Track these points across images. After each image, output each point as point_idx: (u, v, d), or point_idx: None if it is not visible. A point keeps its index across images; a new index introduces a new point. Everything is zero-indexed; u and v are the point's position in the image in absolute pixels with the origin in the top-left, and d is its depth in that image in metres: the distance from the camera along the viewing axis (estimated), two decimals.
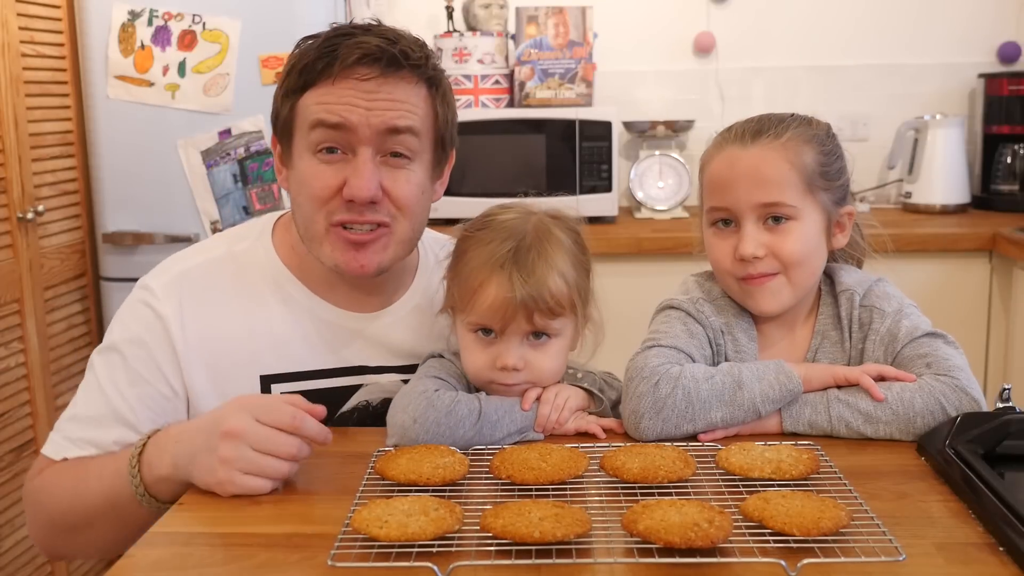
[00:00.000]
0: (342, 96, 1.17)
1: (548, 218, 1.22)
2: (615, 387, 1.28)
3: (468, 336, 1.20)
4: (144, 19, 2.40)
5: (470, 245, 1.20)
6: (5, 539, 2.15)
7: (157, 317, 1.24)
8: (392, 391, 1.29)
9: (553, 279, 1.15)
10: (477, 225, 1.22)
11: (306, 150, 1.20)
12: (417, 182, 1.23)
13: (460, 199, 2.71)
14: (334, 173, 1.19)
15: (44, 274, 2.32)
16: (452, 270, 1.22)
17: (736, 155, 1.23)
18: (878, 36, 3.12)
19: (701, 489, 1.01)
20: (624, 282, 2.48)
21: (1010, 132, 2.93)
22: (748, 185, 1.21)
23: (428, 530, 0.87)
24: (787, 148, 1.22)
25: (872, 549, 0.86)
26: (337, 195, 1.19)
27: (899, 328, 1.23)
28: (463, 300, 1.18)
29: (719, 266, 1.27)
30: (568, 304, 1.17)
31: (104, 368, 1.24)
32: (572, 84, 2.85)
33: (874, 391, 1.14)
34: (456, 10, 2.95)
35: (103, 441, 1.21)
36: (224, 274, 1.29)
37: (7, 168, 2.17)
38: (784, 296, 1.24)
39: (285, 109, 1.22)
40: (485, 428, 1.14)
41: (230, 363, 1.24)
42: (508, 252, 1.15)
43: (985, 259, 2.56)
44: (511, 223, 1.19)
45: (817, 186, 1.22)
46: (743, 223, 1.22)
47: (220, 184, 2.46)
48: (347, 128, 1.17)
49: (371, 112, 1.17)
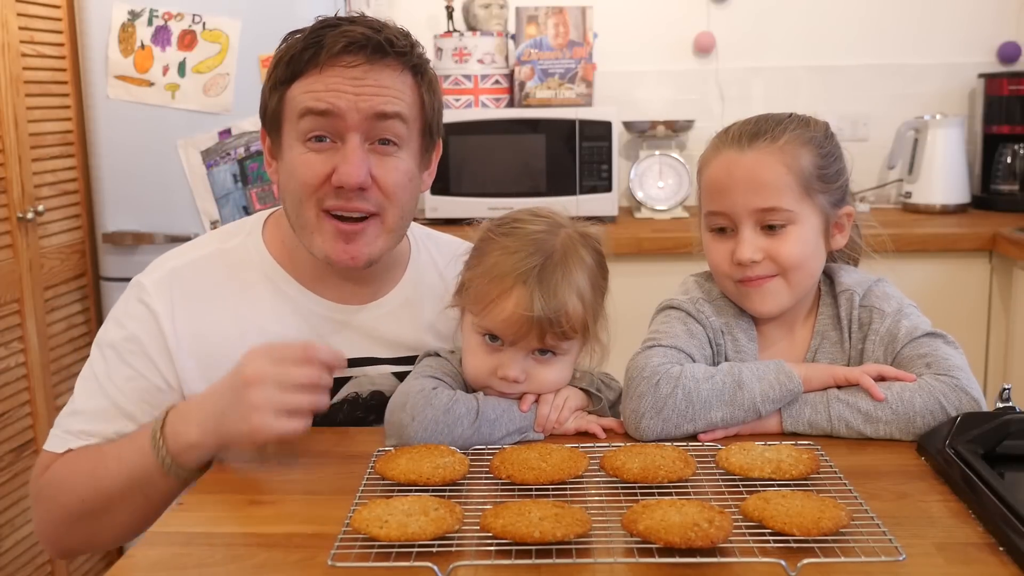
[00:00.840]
0: (329, 84, 1.18)
1: (576, 235, 1.20)
2: (613, 387, 1.28)
3: (474, 338, 1.19)
4: (144, 19, 2.40)
5: (494, 249, 1.17)
6: (5, 539, 2.16)
7: (150, 313, 1.26)
8: (381, 384, 1.31)
9: (573, 302, 1.15)
10: (504, 229, 1.19)
11: (295, 140, 1.22)
12: (405, 170, 1.24)
13: (460, 199, 2.72)
14: (323, 161, 1.20)
15: (44, 274, 2.32)
16: (472, 269, 1.20)
17: (733, 160, 1.23)
18: (878, 36, 3.12)
19: (701, 489, 1.01)
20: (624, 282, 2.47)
21: (1010, 132, 2.93)
22: (745, 190, 1.21)
23: (428, 530, 0.87)
24: (784, 151, 1.21)
25: (872, 549, 0.86)
26: (327, 183, 1.20)
27: (899, 328, 1.23)
28: (479, 304, 1.16)
29: (717, 269, 1.27)
30: (581, 327, 1.17)
31: (101, 364, 1.27)
32: (572, 84, 2.85)
33: (874, 391, 1.14)
34: (456, 10, 2.95)
35: (105, 433, 1.23)
36: (215, 270, 1.31)
37: (7, 168, 2.17)
38: (782, 298, 1.24)
39: (273, 101, 1.24)
40: (483, 427, 1.14)
41: (221, 355, 1.24)
42: (534, 268, 1.13)
43: (985, 259, 2.56)
44: (539, 236, 1.17)
45: (815, 189, 1.22)
46: (740, 228, 1.22)
47: (220, 184, 2.46)
48: (335, 115, 1.18)
49: (359, 98, 1.18)
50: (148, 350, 1.25)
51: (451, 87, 2.82)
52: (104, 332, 1.29)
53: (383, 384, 1.32)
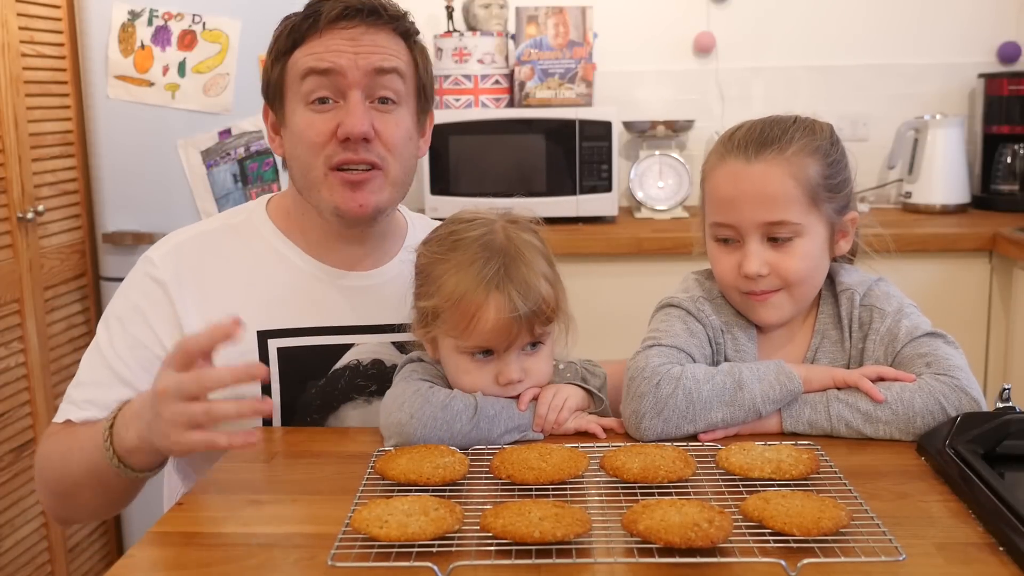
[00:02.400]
0: (329, 45, 1.24)
1: (510, 224, 1.19)
2: (596, 374, 1.28)
3: (463, 358, 1.17)
4: (144, 19, 2.40)
5: (447, 269, 1.15)
6: (5, 539, 2.16)
7: (156, 283, 1.30)
8: (380, 352, 1.34)
9: (544, 287, 1.15)
10: (445, 246, 1.18)
11: (299, 104, 1.27)
12: (405, 126, 1.30)
13: (460, 199, 2.71)
14: (328, 120, 1.25)
15: (44, 274, 2.32)
16: (432, 297, 1.16)
17: (739, 171, 1.21)
18: (878, 36, 3.12)
19: (701, 489, 1.01)
20: (624, 282, 2.49)
21: (1010, 132, 2.93)
22: (752, 204, 1.20)
23: (428, 530, 0.87)
24: (791, 163, 1.20)
25: (872, 549, 0.86)
26: (332, 139, 1.25)
27: (899, 328, 1.23)
28: (458, 327, 1.14)
29: (723, 280, 1.27)
30: (557, 307, 1.18)
31: (104, 334, 1.31)
32: (572, 84, 2.85)
33: (873, 393, 1.14)
34: (456, 10, 2.95)
35: (105, 400, 1.25)
36: (221, 242, 1.36)
37: (7, 168, 2.17)
38: (785, 310, 1.25)
39: (275, 72, 1.30)
40: (482, 423, 1.14)
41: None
42: (499, 271, 1.13)
43: (985, 259, 2.56)
44: (484, 239, 1.16)
45: (821, 199, 1.22)
46: (747, 241, 1.22)
47: (220, 184, 2.46)
48: (337, 72, 1.24)
49: (358, 55, 1.24)
50: (151, 320, 1.28)
51: (451, 87, 2.82)
52: (110, 306, 1.33)
53: (383, 353, 1.35)
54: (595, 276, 2.50)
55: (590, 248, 2.56)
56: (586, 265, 2.54)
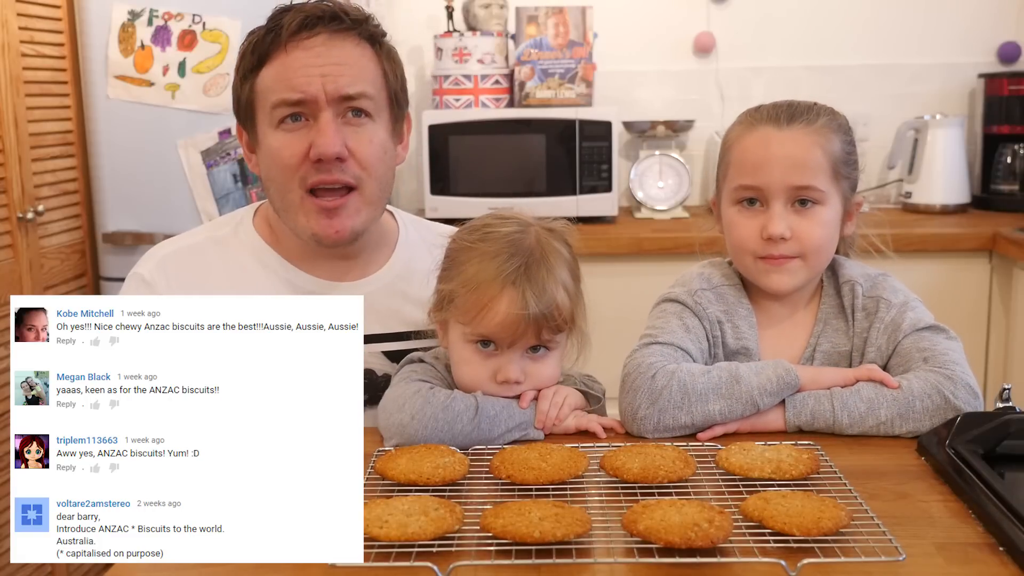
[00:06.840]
0: (295, 68, 1.24)
1: (545, 231, 1.21)
2: (596, 389, 1.30)
3: (467, 347, 1.18)
4: (144, 19, 2.40)
5: (471, 256, 1.18)
6: (5, 539, 2.16)
7: (147, 287, 1.31)
8: (371, 362, 1.34)
9: (560, 295, 1.16)
10: (476, 236, 1.20)
11: (270, 126, 1.27)
12: (379, 141, 1.29)
13: (460, 199, 2.72)
14: (299, 140, 1.25)
15: (44, 274, 2.32)
16: (452, 281, 1.19)
17: (771, 136, 1.25)
18: (878, 36, 3.12)
19: (701, 489, 1.01)
20: (624, 282, 2.48)
21: (1010, 132, 2.93)
22: (783, 166, 1.23)
23: (428, 530, 0.87)
24: (819, 134, 1.25)
25: (872, 549, 0.86)
26: (305, 160, 1.24)
27: (903, 319, 1.26)
28: (468, 313, 1.16)
29: (742, 244, 1.28)
30: (570, 318, 1.18)
31: None
32: (572, 84, 2.85)
33: (888, 381, 1.17)
34: (456, 10, 2.95)
35: None
36: (206, 255, 1.36)
37: (7, 168, 2.17)
38: (798, 277, 1.27)
39: (245, 91, 1.29)
40: (483, 423, 1.14)
41: None
42: (519, 268, 1.15)
43: (985, 259, 2.56)
44: (514, 237, 1.18)
45: (841, 173, 1.26)
46: (772, 203, 1.24)
47: (220, 184, 2.46)
48: (307, 102, 1.24)
49: (326, 79, 1.23)
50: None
51: (451, 87, 2.82)
52: None
53: (373, 363, 1.34)
54: (595, 276, 2.48)
55: (590, 248, 2.55)
56: (586, 265, 2.50)
